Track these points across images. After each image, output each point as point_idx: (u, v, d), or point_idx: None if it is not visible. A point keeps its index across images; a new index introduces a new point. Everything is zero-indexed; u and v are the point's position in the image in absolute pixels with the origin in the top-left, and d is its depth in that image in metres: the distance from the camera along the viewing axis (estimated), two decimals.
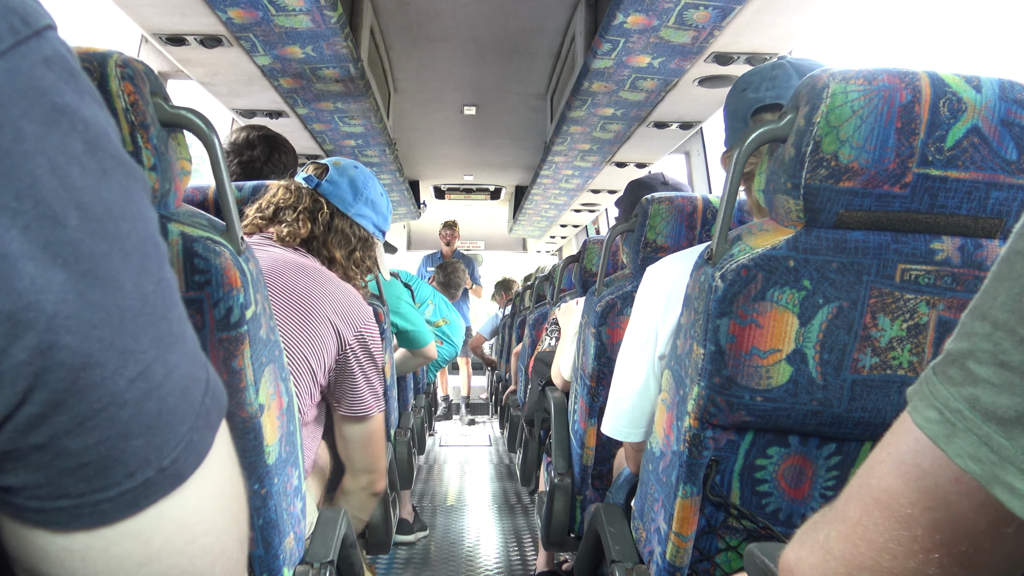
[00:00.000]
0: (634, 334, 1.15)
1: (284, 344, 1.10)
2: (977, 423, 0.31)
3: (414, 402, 2.85)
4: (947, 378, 0.33)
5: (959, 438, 0.31)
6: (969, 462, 0.31)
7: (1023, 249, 0.31)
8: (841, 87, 0.74)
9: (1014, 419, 0.29)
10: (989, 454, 0.30)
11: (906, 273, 0.79)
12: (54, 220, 0.26)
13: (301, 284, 1.20)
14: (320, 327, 1.19)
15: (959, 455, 0.31)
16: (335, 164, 1.38)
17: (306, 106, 2.80)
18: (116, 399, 0.29)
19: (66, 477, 0.30)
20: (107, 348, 0.28)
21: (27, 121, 0.26)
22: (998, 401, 0.30)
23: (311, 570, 1.00)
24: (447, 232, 5.78)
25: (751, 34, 1.95)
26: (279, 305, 1.16)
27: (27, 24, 0.27)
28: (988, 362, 0.31)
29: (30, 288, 0.26)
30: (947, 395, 0.32)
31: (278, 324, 1.00)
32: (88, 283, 0.28)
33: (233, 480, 0.39)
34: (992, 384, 0.30)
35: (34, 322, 0.26)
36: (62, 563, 0.32)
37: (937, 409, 0.33)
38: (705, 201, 1.42)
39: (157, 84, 0.75)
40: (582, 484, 1.71)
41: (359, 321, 1.25)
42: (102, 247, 0.28)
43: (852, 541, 0.39)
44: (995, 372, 0.30)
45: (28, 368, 0.26)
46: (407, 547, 2.79)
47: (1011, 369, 0.30)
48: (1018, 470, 0.29)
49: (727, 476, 0.90)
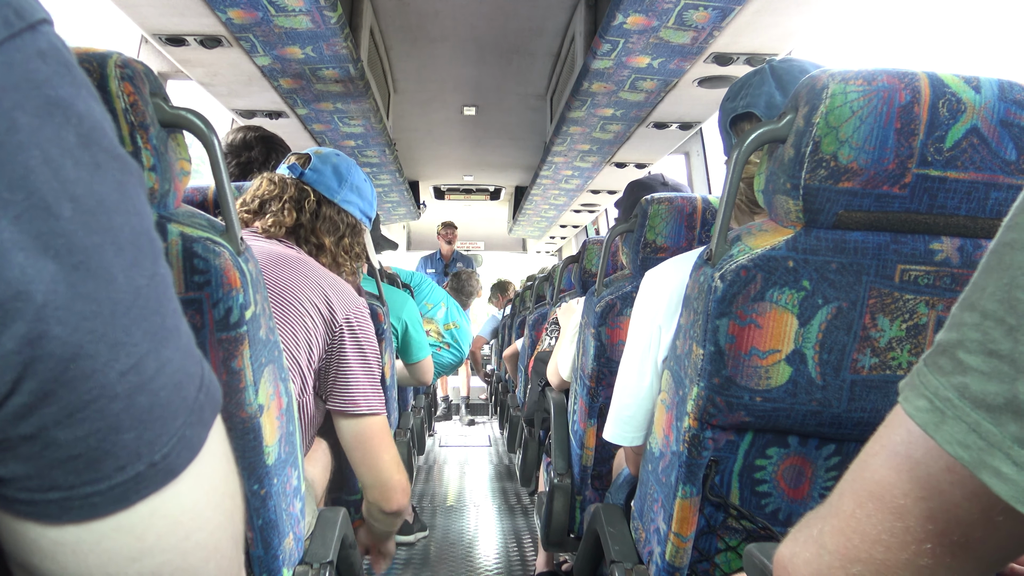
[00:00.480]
0: (635, 340, 1.15)
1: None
2: (966, 410, 0.31)
3: (414, 402, 2.85)
4: (937, 368, 0.33)
5: (948, 425, 0.32)
6: (958, 448, 0.31)
7: (1011, 241, 0.31)
8: (840, 88, 0.74)
9: (1002, 406, 0.30)
10: (977, 440, 0.30)
11: (905, 273, 0.79)
12: (46, 211, 0.27)
13: (279, 274, 1.18)
14: (301, 316, 1.16)
15: (948, 442, 0.32)
16: (316, 153, 1.37)
17: (306, 106, 2.80)
18: (106, 391, 0.29)
19: (56, 469, 0.30)
20: (98, 340, 0.28)
21: (21, 113, 0.26)
22: (987, 389, 0.30)
23: (310, 570, 1.00)
24: (446, 232, 5.78)
25: (751, 34, 1.95)
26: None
27: (21, 17, 0.27)
28: (977, 351, 0.31)
29: (20, 278, 0.26)
30: (937, 384, 0.33)
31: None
32: (80, 275, 0.28)
33: (228, 478, 0.39)
34: (981, 372, 0.31)
35: (23, 311, 0.26)
36: (53, 557, 0.32)
37: (927, 398, 0.33)
38: (704, 202, 1.42)
39: (157, 84, 0.75)
40: (582, 484, 1.71)
41: (349, 305, 1.22)
42: (94, 240, 0.28)
43: (846, 534, 0.39)
44: (984, 361, 0.31)
45: (17, 357, 0.26)
46: (407, 547, 2.79)
47: (1000, 357, 0.30)
48: (1005, 455, 0.29)
49: (726, 476, 0.90)
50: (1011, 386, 0.29)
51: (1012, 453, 0.29)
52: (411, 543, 2.81)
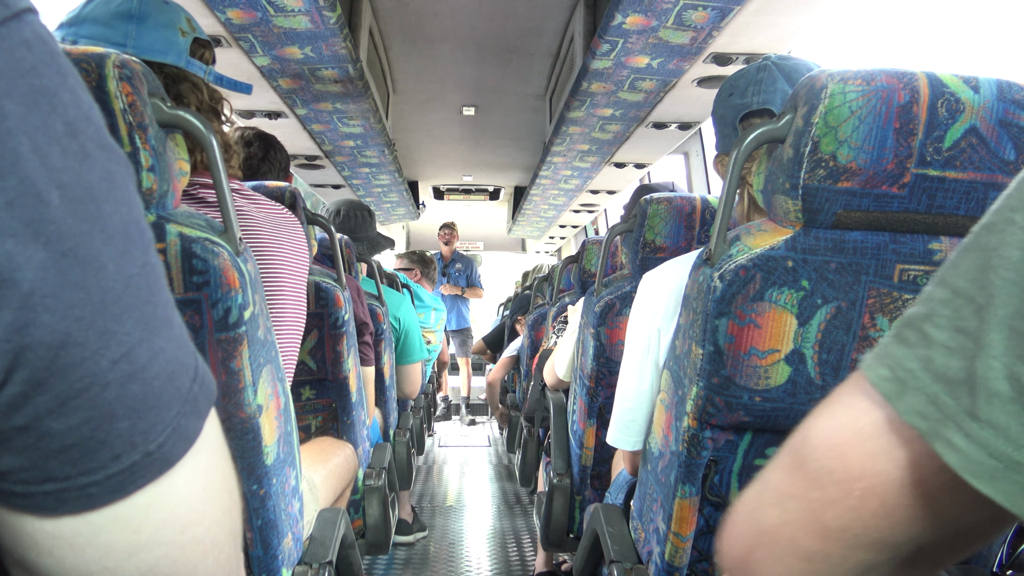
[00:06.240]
0: (634, 343, 1.14)
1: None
2: (927, 382, 0.32)
3: (413, 403, 2.85)
4: (902, 340, 0.34)
5: (909, 395, 0.33)
6: (916, 418, 0.32)
7: (989, 223, 0.32)
8: (839, 87, 0.74)
9: (962, 380, 0.30)
10: (935, 411, 0.31)
11: (904, 273, 0.79)
12: (37, 198, 0.26)
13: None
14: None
15: (908, 411, 0.32)
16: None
17: (305, 107, 2.80)
18: (98, 379, 0.29)
19: (51, 460, 0.30)
20: (87, 328, 0.28)
21: (8, 100, 0.26)
22: (949, 363, 0.31)
23: (310, 571, 1.00)
24: (446, 232, 5.78)
25: (750, 35, 1.95)
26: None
27: (6, 6, 0.27)
28: (945, 326, 0.32)
29: (6, 265, 0.26)
30: (901, 355, 0.34)
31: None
32: (69, 263, 0.28)
33: (225, 473, 0.39)
34: (946, 347, 0.32)
35: (9, 299, 0.26)
36: (51, 551, 0.32)
37: (890, 367, 0.34)
38: (704, 202, 1.42)
39: (155, 85, 0.75)
40: (581, 484, 1.71)
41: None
42: (83, 228, 0.28)
43: (780, 506, 0.40)
44: (951, 336, 0.32)
45: (7, 346, 0.26)
46: (406, 548, 2.79)
47: (966, 334, 0.31)
48: (957, 427, 0.30)
49: (726, 476, 0.90)
50: (971, 362, 0.30)
51: (964, 425, 0.30)
52: (410, 543, 2.81)
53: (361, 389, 1.59)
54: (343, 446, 1.44)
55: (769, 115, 1.00)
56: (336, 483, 1.35)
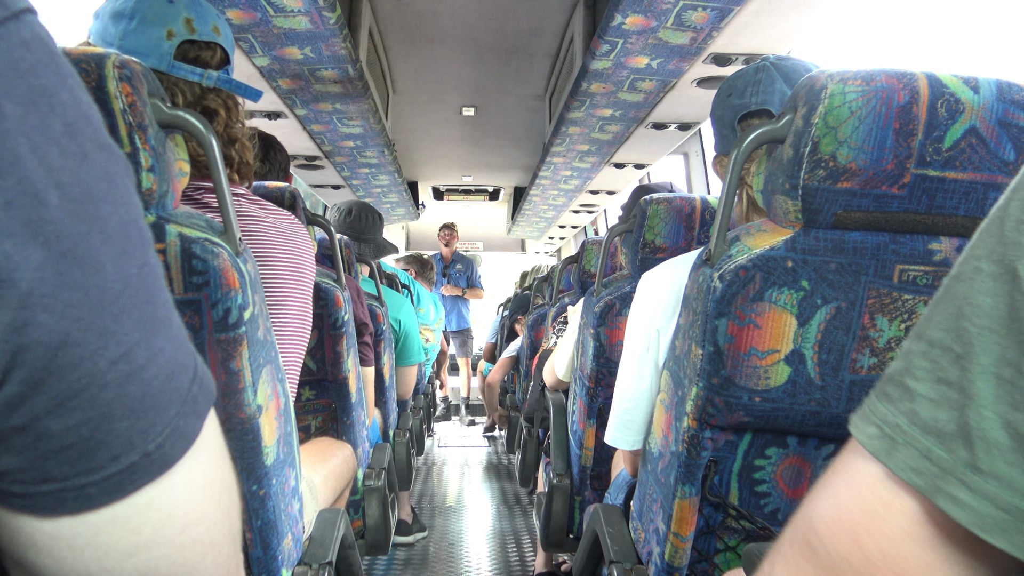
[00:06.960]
0: (633, 343, 1.14)
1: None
2: (916, 436, 0.31)
3: (413, 403, 2.84)
4: (885, 396, 0.34)
5: (900, 451, 0.32)
6: (912, 475, 0.31)
7: (958, 273, 0.32)
8: (839, 88, 0.74)
9: (954, 432, 0.30)
10: (930, 466, 0.30)
11: (904, 273, 0.79)
12: (36, 198, 0.26)
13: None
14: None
15: (902, 468, 0.32)
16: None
17: (304, 107, 2.80)
18: (97, 379, 0.29)
19: (49, 460, 0.29)
20: (85, 328, 0.28)
21: (7, 100, 0.26)
22: (937, 415, 0.31)
23: (309, 571, 0.99)
24: (446, 233, 5.78)
25: (749, 35, 1.95)
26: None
27: (5, 7, 0.27)
28: (925, 379, 0.32)
29: (4, 265, 0.26)
30: (885, 411, 0.33)
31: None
32: (67, 263, 0.27)
33: (224, 474, 0.38)
34: (930, 399, 0.31)
35: (7, 299, 0.26)
36: (50, 552, 0.32)
37: (877, 425, 0.33)
38: (703, 202, 1.42)
39: (155, 85, 0.75)
40: (581, 485, 1.71)
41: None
42: (81, 228, 0.28)
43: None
44: (932, 388, 0.31)
45: (5, 346, 0.26)
46: (406, 548, 2.79)
47: (948, 384, 0.30)
48: (959, 481, 0.29)
49: (726, 476, 0.90)
50: (960, 413, 0.30)
51: (966, 479, 0.29)
52: (410, 543, 2.81)
53: (361, 390, 1.59)
54: (343, 446, 1.44)
55: (768, 116, 1.00)
56: (336, 483, 1.35)
